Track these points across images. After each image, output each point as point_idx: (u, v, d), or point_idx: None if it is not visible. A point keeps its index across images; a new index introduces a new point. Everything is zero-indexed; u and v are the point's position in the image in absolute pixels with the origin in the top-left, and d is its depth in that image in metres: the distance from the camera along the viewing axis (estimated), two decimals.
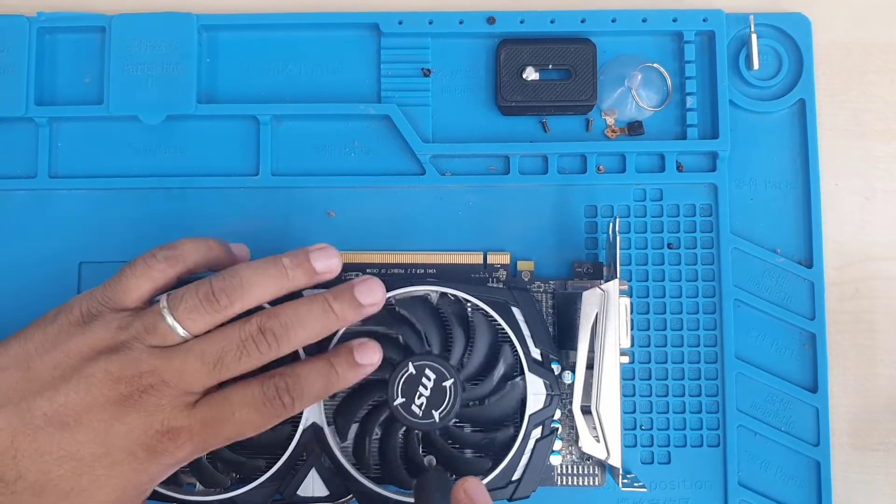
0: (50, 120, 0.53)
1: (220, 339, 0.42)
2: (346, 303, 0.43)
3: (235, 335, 0.42)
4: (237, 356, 0.41)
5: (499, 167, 0.53)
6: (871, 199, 0.53)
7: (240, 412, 0.41)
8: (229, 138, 0.53)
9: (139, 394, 0.40)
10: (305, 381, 0.43)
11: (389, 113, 0.52)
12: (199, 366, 0.41)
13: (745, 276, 0.52)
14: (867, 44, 0.54)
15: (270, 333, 0.42)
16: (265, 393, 0.42)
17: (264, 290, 0.42)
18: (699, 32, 0.53)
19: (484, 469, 0.45)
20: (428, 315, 0.47)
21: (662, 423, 0.51)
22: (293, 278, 0.43)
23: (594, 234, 0.52)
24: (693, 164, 0.52)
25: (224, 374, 0.41)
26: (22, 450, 0.40)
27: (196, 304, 0.41)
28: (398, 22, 0.53)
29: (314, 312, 0.43)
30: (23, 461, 0.39)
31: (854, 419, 0.52)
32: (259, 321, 0.42)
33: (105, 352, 0.41)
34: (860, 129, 0.54)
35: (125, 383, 0.40)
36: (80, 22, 0.53)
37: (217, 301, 0.41)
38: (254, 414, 0.42)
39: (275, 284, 0.43)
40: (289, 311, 0.43)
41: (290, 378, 0.42)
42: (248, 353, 0.41)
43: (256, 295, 0.42)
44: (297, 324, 0.42)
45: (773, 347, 0.51)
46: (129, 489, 0.41)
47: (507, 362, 0.46)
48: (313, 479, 0.46)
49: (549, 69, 0.52)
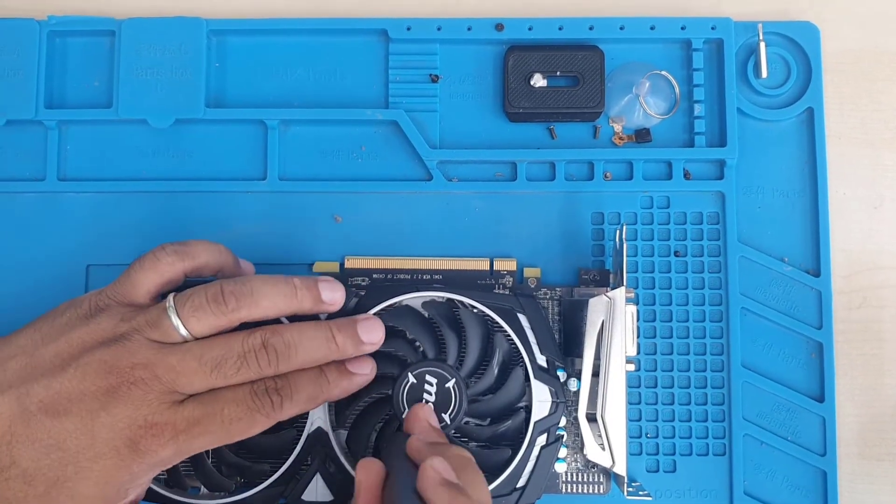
0: (59, 123, 0.53)
1: (221, 345, 0.41)
2: (349, 337, 0.43)
3: (238, 345, 0.42)
4: (236, 365, 0.41)
5: (506, 173, 0.53)
6: (879, 207, 0.53)
7: (228, 409, 0.41)
8: (237, 143, 0.53)
9: (128, 385, 0.40)
10: (295, 383, 0.43)
11: (397, 118, 0.52)
12: (196, 367, 0.41)
13: (752, 284, 0.52)
14: (875, 52, 0.54)
15: (273, 350, 0.42)
16: (255, 390, 0.42)
17: (272, 302, 0.42)
18: (707, 40, 0.53)
19: (504, 459, 0.45)
20: (416, 322, 0.47)
21: (668, 432, 0.51)
22: (301, 299, 0.43)
23: (601, 242, 0.52)
24: (700, 171, 0.52)
25: (218, 380, 0.41)
26: (17, 435, 0.40)
27: (202, 303, 0.41)
28: (406, 28, 0.53)
29: (318, 339, 0.43)
30: (17, 447, 0.40)
31: (861, 429, 0.52)
32: (263, 335, 0.42)
33: (105, 342, 0.41)
34: (868, 138, 0.53)
35: (117, 374, 0.40)
36: (89, 26, 0.53)
37: (225, 303, 0.41)
38: (242, 411, 0.41)
39: (283, 300, 0.43)
40: (294, 331, 0.43)
41: (280, 379, 0.42)
42: (247, 364, 0.41)
43: (264, 306, 0.42)
44: (299, 345, 0.42)
45: (780, 356, 0.51)
46: (109, 485, 0.40)
47: (502, 349, 0.46)
48: (317, 484, 0.46)
49: (557, 76, 0.52)
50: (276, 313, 0.43)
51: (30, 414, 0.40)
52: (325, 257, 0.52)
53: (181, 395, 0.41)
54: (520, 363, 0.46)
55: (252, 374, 0.42)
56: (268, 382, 0.42)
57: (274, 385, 0.42)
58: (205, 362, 0.41)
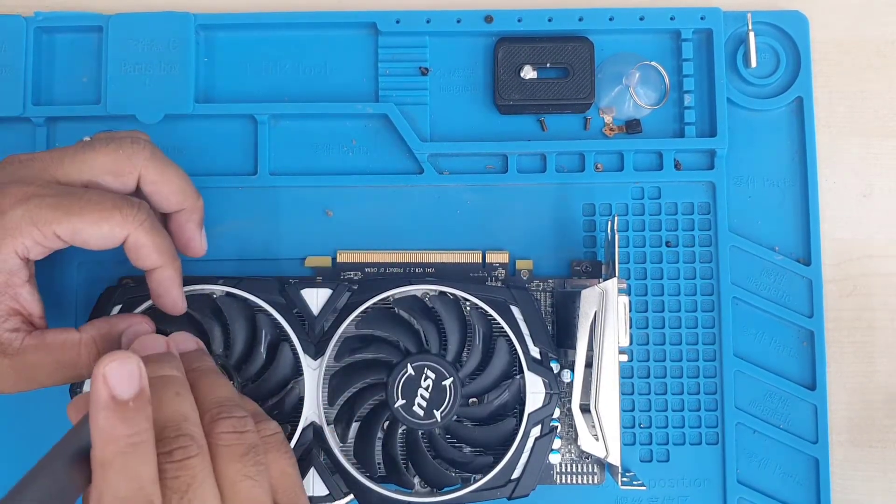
0: (47, 119, 0.53)
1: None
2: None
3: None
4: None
5: (497, 166, 0.53)
6: (868, 196, 0.53)
7: (91, 194, 0.42)
8: (227, 138, 0.53)
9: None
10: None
11: (387, 112, 0.52)
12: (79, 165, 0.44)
13: (744, 273, 0.52)
14: (864, 41, 0.54)
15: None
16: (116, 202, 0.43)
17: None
18: (697, 30, 0.53)
19: (486, 465, 0.45)
20: (424, 314, 0.47)
21: (661, 421, 0.51)
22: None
23: (592, 233, 0.52)
24: (691, 162, 0.52)
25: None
26: None
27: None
28: (395, 21, 0.53)
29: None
30: None
31: (852, 416, 0.52)
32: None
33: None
34: (858, 127, 0.54)
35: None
36: (77, 22, 0.53)
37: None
38: (103, 199, 0.42)
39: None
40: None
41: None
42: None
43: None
44: None
45: (772, 345, 0.52)
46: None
47: (503, 356, 0.46)
48: (313, 478, 0.46)
49: (547, 67, 0.52)
50: None
51: None
52: (317, 252, 0.52)
53: (58, 181, 0.43)
54: (502, 335, 0.46)
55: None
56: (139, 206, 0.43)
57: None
58: (99, 147, 0.44)
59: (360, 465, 0.46)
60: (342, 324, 0.46)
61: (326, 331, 0.47)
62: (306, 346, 0.46)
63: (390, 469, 0.46)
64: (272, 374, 0.46)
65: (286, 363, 0.46)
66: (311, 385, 0.46)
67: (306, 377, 0.46)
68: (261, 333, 0.46)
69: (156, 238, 0.43)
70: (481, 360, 0.47)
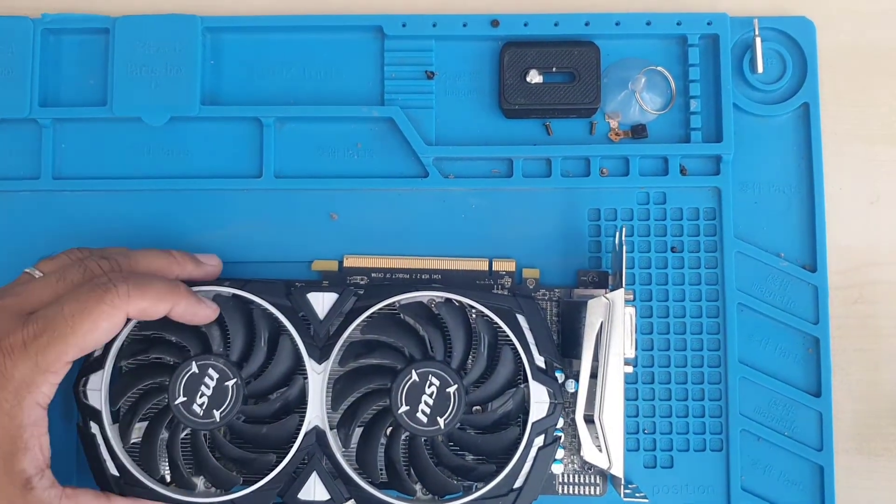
0: (54, 121, 0.53)
1: (63, 258, 0.46)
2: (187, 255, 0.47)
3: (78, 253, 0.46)
4: (79, 271, 0.44)
5: (502, 170, 0.53)
6: (875, 203, 0.53)
7: (68, 305, 0.41)
8: (233, 140, 0.53)
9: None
10: (137, 263, 0.45)
11: (393, 115, 0.52)
12: (41, 282, 0.43)
13: (749, 279, 0.52)
14: (872, 47, 0.54)
15: (113, 256, 0.45)
16: (95, 281, 0.42)
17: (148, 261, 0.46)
18: (703, 36, 0.53)
19: (488, 473, 0.45)
20: (430, 321, 0.47)
21: (665, 428, 0.51)
22: (181, 262, 0.47)
23: (597, 238, 0.52)
24: (697, 167, 0.52)
25: (61, 285, 0.43)
26: None
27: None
28: (402, 25, 0.53)
29: (157, 252, 0.46)
30: None
31: (858, 424, 0.52)
32: (104, 250, 0.46)
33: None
34: (864, 133, 0.53)
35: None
36: (84, 24, 0.53)
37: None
38: (83, 302, 0.41)
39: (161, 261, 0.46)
40: (133, 251, 0.46)
41: (118, 255, 0.45)
42: (88, 268, 0.44)
43: (142, 265, 0.46)
44: (139, 255, 0.46)
45: (777, 352, 0.51)
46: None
47: (508, 364, 0.46)
48: (315, 483, 0.46)
49: (553, 72, 0.52)
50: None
51: None
52: (323, 255, 0.52)
53: (30, 311, 0.42)
54: (507, 343, 0.46)
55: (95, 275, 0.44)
56: (109, 272, 0.44)
57: (109, 266, 0.44)
58: (48, 273, 0.44)
59: (362, 471, 0.46)
60: (347, 328, 0.46)
61: (332, 335, 0.47)
62: (311, 349, 0.46)
63: (392, 475, 0.46)
64: (275, 367, 0.46)
65: (287, 355, 0.47)
66: (314, 389, 0.46)
67: (310, 381, 0.46)
68: (260, 329, 0.46)
69: (148, 296, 0.43)
70: (486, 368, 0.46)
